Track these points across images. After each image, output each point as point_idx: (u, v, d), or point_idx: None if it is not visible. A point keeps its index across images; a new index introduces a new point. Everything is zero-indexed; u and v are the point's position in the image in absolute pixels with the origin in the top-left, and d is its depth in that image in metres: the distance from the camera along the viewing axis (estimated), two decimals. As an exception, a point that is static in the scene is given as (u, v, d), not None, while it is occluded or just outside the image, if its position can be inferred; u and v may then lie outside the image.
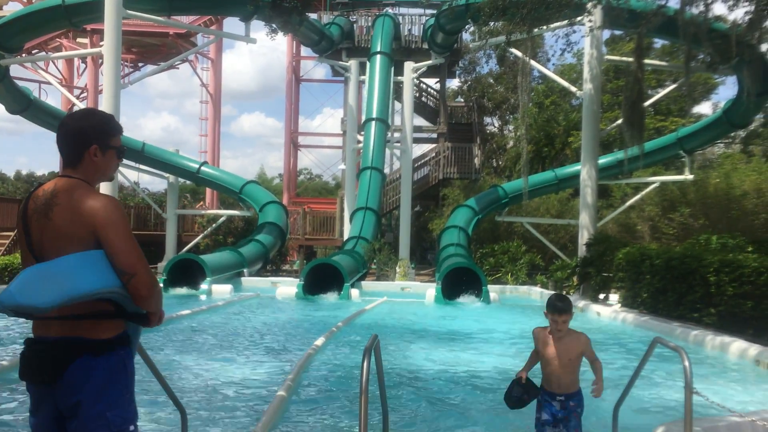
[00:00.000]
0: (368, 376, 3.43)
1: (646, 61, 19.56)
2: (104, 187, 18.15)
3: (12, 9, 30.00)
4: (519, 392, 4.58)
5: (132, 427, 2.68)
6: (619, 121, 19.42)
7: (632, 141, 17.47)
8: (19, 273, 2.51)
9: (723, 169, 22.98)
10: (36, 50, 30.46)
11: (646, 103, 19.92)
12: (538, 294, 17.35)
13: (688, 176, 21.13)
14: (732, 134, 25.94)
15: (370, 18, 29.57)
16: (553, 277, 18.64)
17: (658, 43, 27.50)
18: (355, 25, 29.45)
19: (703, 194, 21.68)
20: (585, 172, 18.71)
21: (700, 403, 4.61)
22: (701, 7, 13.90)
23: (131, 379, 2.71)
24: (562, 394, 4.57)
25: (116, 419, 2.60)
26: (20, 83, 23.46)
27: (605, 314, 13.56)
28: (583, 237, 18.12)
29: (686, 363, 4.06)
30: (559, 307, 4.57)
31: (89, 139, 2.72)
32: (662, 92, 23.38)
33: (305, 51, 36.22)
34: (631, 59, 17.92)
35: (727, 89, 67.92)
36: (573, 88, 21.02)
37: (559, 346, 4.56)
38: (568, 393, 4.58)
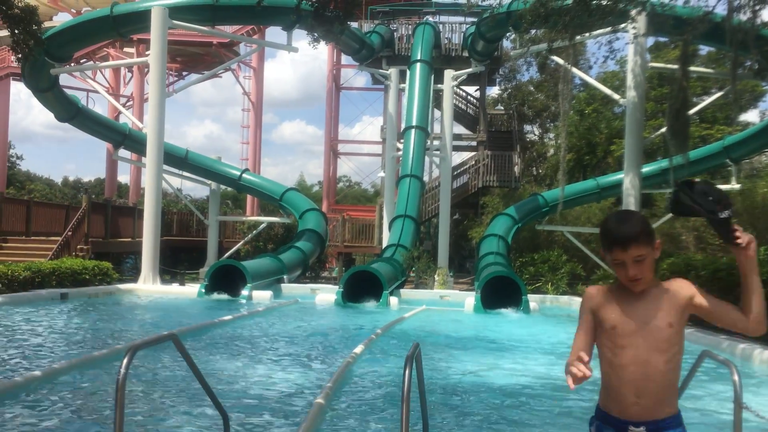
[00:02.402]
0: (410, 384, 3.43)
1: (692, 68, 19.23)
2: (148, 195, 18.55)
3: (61, 20, 30.85)
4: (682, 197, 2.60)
5: None
6: (663, 130, 19.10)
7: (676, 150, 17.17)
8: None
9: (771, 179, 22.42)
10: (84, 60, 31.27)
11: (691, 111, 19.57)
12: (579, 304, 17.09)
13: (734, 185, 20.68)
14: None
15: (410, 26, 29.67)
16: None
17: (704, 49, 27.02)
18: (395, 33, 29.58)
19: (750, 204, 21.18)
20: (628, 180, 18.43)
21: (750, 418, 4.49)
22: (749, 14, 13.61)
23: None
24: (643, 421, 2.49)
25: None
26: (69, 92, 24.11)
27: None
28: (626, 247, 17.81)
29: (735, 377, 3.96)
30: (619, 235, 2.48)
31: None
32: (708, 100, 22.94)
33: (346, 59, 36.54)
34: (676, 66, 17.65)
35: (775, 97, 66.23)
36: (616, 96, 20.73)
37: (639, 307, 2.53)
38: (654, 418, 2.50)
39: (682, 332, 2.56)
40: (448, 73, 24.16)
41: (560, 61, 19.66)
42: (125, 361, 3.48)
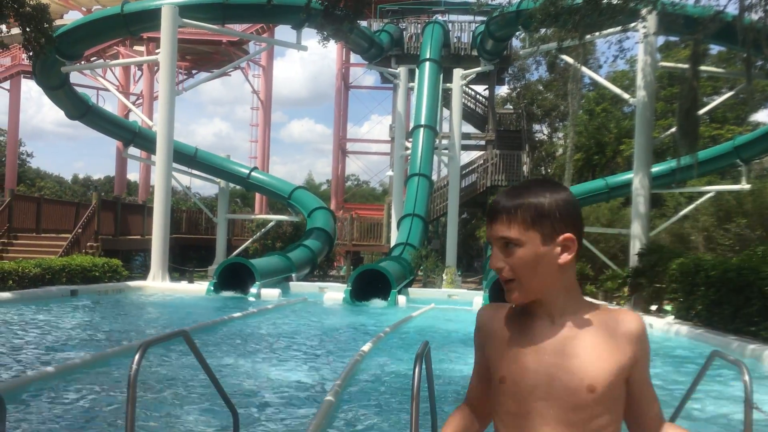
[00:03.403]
0: (420, 382, 3.43)
1: (702, 68, 19.13)
2: (158, 193, 18.62)
3: (72, 18, 30.99)
4: None
5: None
6: (673, 129, 19.02)
7: (686, 150, 17.11)
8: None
9: (782, 179, 22.29)
10: (94, 58, 31.40)
11: (701, 111, 19.48)
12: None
13: (744, 186, 20.56)
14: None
15: (419, 25, 29.67)
16: (603, 287, 18.33)
17: (715, 49, 26.88)
18: (404, 32, 29.57)
19: (760, 204, 21.04)
20: (638, 180, 18.37)
21: (761, 419, 4.48)
22: (760, 13, 13.54)
23: None
24: None
25: None
26: (79, 90, 24.23)
27: (658, 326, 13.26)
28: (635, 247, 17.76)
29: (746, 377, 3.94)
30: (491, 204, 1.54)
31: None
32: (718, 100, 22.82)
33: (355, 58, 36.54)
34: (686, 66, 17.57)
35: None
36: (626, 95, 20.64)
37: (547, 348, 1.50)
38: None
39: (618, 399, 1.51)
40: (457, 72, 24.12)
41: (570, 60, 19.61)
42: (137, 357, 3.50)
